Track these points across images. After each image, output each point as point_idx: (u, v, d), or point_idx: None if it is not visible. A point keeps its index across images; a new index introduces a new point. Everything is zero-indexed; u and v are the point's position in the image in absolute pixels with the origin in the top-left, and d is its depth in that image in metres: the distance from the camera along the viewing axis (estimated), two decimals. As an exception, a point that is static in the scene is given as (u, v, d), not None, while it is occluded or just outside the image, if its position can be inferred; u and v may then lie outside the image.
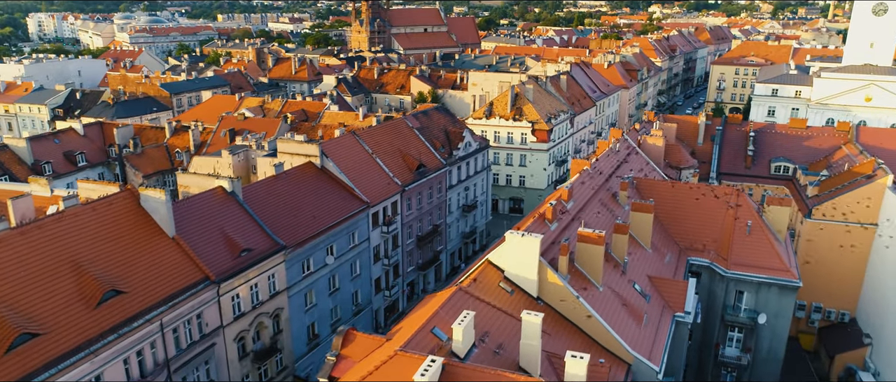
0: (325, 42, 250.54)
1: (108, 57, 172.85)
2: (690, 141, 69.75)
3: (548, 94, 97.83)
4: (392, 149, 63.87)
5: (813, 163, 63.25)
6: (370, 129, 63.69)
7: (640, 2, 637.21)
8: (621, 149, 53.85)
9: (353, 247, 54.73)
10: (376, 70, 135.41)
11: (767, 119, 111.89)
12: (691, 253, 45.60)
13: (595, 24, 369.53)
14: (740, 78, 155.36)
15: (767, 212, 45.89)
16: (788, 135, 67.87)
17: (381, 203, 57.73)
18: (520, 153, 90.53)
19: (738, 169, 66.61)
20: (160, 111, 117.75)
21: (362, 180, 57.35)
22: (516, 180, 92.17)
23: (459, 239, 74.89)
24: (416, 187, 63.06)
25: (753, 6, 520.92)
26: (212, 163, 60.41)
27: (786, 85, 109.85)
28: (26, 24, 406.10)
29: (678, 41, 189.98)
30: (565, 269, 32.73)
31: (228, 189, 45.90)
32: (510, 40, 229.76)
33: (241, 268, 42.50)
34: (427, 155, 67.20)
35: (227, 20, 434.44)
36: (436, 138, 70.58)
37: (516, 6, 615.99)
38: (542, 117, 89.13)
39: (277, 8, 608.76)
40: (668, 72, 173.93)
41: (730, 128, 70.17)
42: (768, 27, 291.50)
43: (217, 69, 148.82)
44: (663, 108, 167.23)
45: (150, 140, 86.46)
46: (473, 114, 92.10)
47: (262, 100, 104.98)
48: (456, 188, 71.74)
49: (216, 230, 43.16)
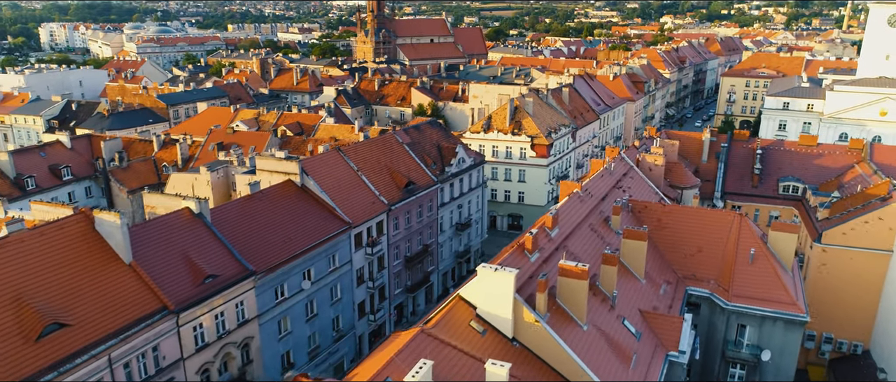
0: (332, 52, 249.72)
1: (110, 67, 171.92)
2: (694, 158, 66.45)
3: (549, 108, 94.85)
4: (379, 166, 61.12)
5: (824, 183, 59.74)
6: (356, 145, 61.00)
7: (653, 13, 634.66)
8: (617, 168, 50.72)
9: (333, 270, 51.89)
10: (377, 81, 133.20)
11: (778, 134, 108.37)
12: (690, 283, 42.34)
13: (605, 34, 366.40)
14: (751, 90, 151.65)
15: (772, 239, 42.55)
16: (798, 153, 64.41)
17: (364, 223, 54.92)
18: (519, 168, 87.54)
19: (745, 188, 63.23)
20: (156, 122, 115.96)
21: (345, 199, 54.60)
22: (515, 196, 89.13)
23: (452, 259, 71.89)
24: (404, 206, 60.22)
25: (767, 17, 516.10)
26: (190, 180, 57.89)
27: (797, 98, 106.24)
28: (39, 33, 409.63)
29: (688, 52, 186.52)
30: (544, 307, 29.65)
31: (195, 210, 43.27)
32: (518, 51, 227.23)
33: (205, 296, 39.76)
34: (417, 171, 64.38)
35: (236, 30, 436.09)
36: (427, 154, 67.77)
37: (527, 17, 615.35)
38: (542, 131, 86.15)
39: (289, 18, 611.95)
40: (676, 83, 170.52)
41: (736, 144, 66.82)
42: (781, 38, 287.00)
43: (217, 80, 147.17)
44: (672, 121, 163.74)
45: (139, 153, 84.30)
46: (471, 128, 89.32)
47: (256, 113, 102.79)
48: (448, 206, 68.82)
49: (179, 255, 40.48)
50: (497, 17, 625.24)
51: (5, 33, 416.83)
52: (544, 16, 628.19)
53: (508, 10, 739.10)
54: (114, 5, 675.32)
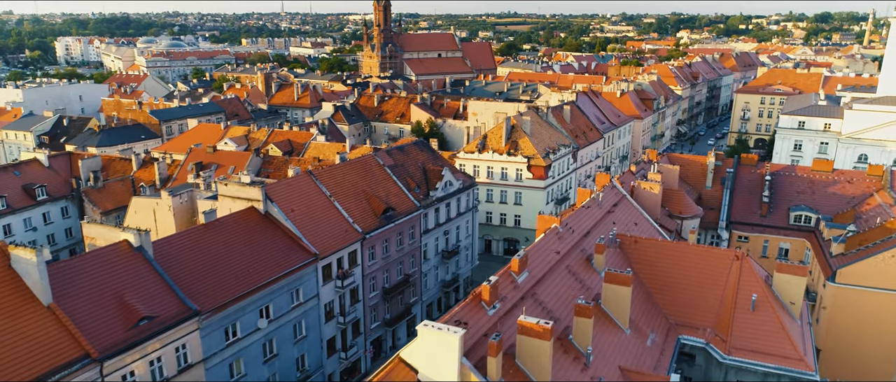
0: (340, 67, 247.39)
1: (111, 82, 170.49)
2: (698, 184, 61.56)
3: (548, 126, 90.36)
4: (356, 191, 57.00)
5: (839, 213, 54.53)
6: (331, 168, 56.97)
7: (669, 28, 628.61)
8: (607, 198, 46.09)
9: (296, 306, 47.68)
10: (376, 97, 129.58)
11: (793, 154, 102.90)
12: (684, 331, 37.55)
13: (619, 49, 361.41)
14: (766, 107, 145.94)
15: (777, 283, 37.67)
16: (811, 180, 59.25)
17: (334, 253, 50.71)
18: (515, 190, 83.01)
19: (752, 217, 58.17)
20: (148, 139, 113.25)
21: (314, 228, 50.47)
22: (511, 219, 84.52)
23: (438, 289, 67.39)
24: (380, 234, 55.96)
25: (785, 32, 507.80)
26: (152, 206, 54.20)
27: (813, 117, 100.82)
28: (55, 47, 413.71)
29: (701, 68, 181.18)
30: (496, 373, 25.14)
31: (135, 244, 39.33)
32: (528, 66, 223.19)
33: (137, 341, 35.69)
34: (398, 196, 60.16)
35: (250, 44, 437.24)
36: (411, 177, 63.56)
37: (542, 32, 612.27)
38: (540, 152, 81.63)
39: (304, 33, 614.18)
40: (689, 100, 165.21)
41: (743, 169, 61.80)
42: (799, 53, 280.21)
43: (216, 95, 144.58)
44: (684, 139, 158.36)
45: (118, 172, 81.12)
46: (465, 148, 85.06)
47: (247, 130, 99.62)
48: (433, 232, 64.44)
49: (110, 295, 36.51)
50: (512, 32, 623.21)
51: (23, 47, 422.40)
52: (560, 30, 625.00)
53: (524, 24, 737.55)
54: (132, 20, 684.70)
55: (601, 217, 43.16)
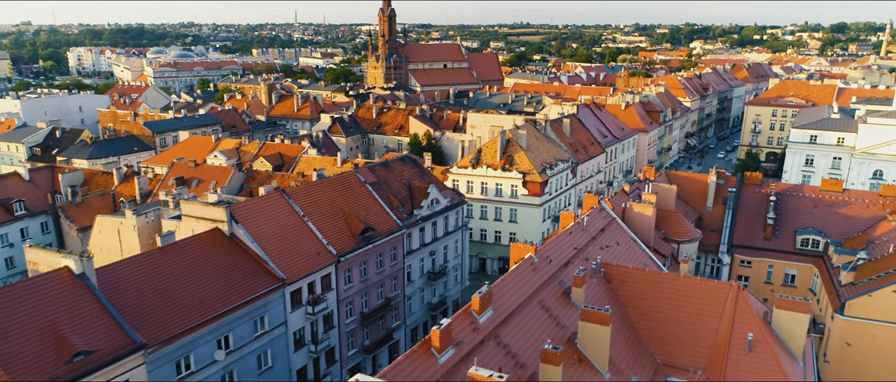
0: (346, 78, 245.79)
1: (113, 92, 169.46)
2: (698, 204, 57.85)
3: (546, 140, 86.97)
4: (333, 210, 53.92)
5: (849, 238, 50.58)
6: (307, 186, 53.97)
7: (682, 38, 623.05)
8: (594, 222, 42.59)
9: (261, 335, 44.56)
10: (375, 109, 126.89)
11: (804, 169, 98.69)
12: (672, 373, 33.96)
13: (630, 60, 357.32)
14: (778, 120, 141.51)
15: (777, 320, 33.99)
16: (819, 201, 55.34)
17: (305, 278, 47.59)
18: (510, 207, 79.61)
19: (756, 240, 54.34)
20: (141, 151, 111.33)
21: (283, 250, 47.42)
22: (506, 237, 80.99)
23: (424, 312, 64.03)
24: (358, 256, 52.78)
25: (801, 42, 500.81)
26: (116, 225, 51.49)
27: (826, 131, 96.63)
28: (68, 57, 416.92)
29: (712, 79, 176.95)
30: (440, 435, 21.79)
31: (76, 270, 36.44)
32: (535, 77, 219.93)
33: (71, 378, 32.70)
34: (379, 215, 57.01)
35: (261, 55, 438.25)
36: (395, 194, 60.41)
37: (554, 42, 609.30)
38: (536, 167, 78.25)
39: (316, 43, 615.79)
40: (698, 112, 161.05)
41: (747, 189, 57.99)
42: (814, 64, 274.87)
43: (214, 106, 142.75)
44: (693, 152, 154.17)
45: (100, 186, 78.81)
46: (459, 163, 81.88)
47: (238, 143, 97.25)
48: (418, 253, 61.16)
49: (44, 327, 33.61)
50: (524, 43, 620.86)
51: (37, 57, 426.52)
52: (572, 41, 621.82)
53: (536, 35, 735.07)
54: (147, 30, 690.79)
55: (585, 243, 39.69)
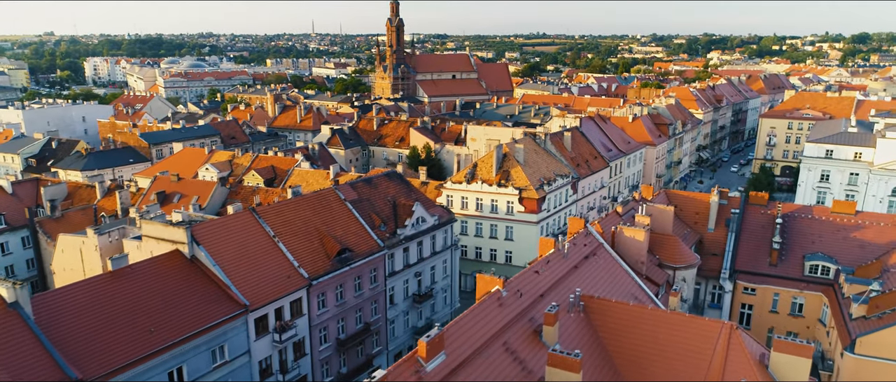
0: (355, 88, 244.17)
1: (118, 102, 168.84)
2: (699, 225, 54.04)
3: (546, 155, 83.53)
4: (308, 230, 50.95)
5: (862, 265, 46.50)
6: (280, 205, 51.08)
7: (700, 48, 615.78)
8: (577, 248, 39.08)
9: (220, 365, 41.57)
10: (376, 121, 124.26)
11: (819, 185, 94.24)
12: (655, 422, 30.31)
13: (645, 70, 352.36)
14: (793, 133, 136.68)
15: (775, 364, 30.28)
16: (830, 224, 51.28)
17: (271, 303, 44.58)
18: (505, 224, 76.18)
19: (761, 266, 50.40)
20: (137, 162, 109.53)
21: (249, 274, 44.48)
22: (502, 256, 77.54)
23: (409, 336, 60.71)
24: (333, 279, 49.71)
25: (821, 53, 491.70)
26: (78, 245, 48.97)
27: (842, 145, 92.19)
28: (84, 67, 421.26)
29: (726, 90, 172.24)
30: None
31: (8, 299, 33.75)
32: (546, 88, 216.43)
33: (-8, 420, 29.92)
34: (359, 235, 53.94)
35: (274, 65, 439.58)
36: (377, 213, 57.34)
37: (570, 52, 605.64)
38: (533, 182, 74.82)
39: (332, 54, 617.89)
40: (711, 124, 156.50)
41: (752, 210, 54.07)
42: (834, 75, 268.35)
43: (215, 117, 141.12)
44: (705, 165, 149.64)
45: (83, 200, 76.69)
46: (453, 178, 78.65)
47: (231, 155, 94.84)
48: (401, 274, 57.96)
49: (-35, 362, 30.88)
50: (539, 53, 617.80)
51: (55, 67, 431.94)
52: (588, 51, 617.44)
53: (552, 45, 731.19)
54: (165, 41, 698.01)
55: (565, 273, 36.20)
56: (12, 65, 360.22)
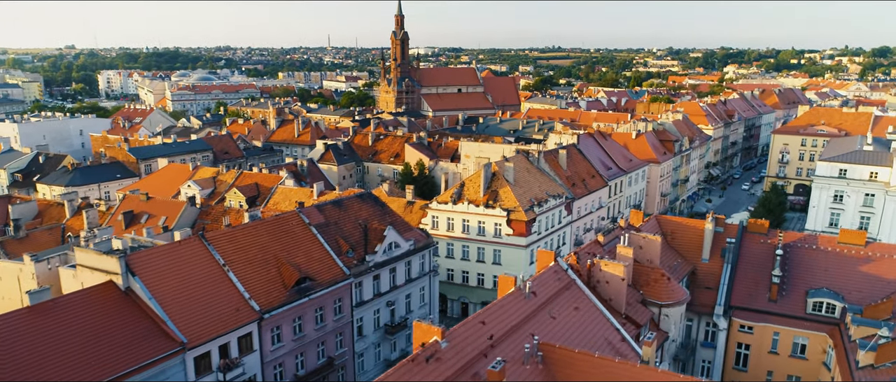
0: (361, 101, 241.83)
1: (118, 116, 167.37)
2: (692, 255, 49.43)
3: (539, 174, 79.28)
4: (264, 258, 47.15)
5: (872, 305, 41.59)
6: (234, 230, 47.34)
7: (716, 62, 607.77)
8: (546, 286, 34.78)
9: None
10: (371, 136, 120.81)
11: (833, 206, 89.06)
12: None
13: (658, 84, 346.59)
14: (807, 150, 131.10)
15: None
16: (837, 256, 46.44)
17: (214, 340, 40.74)
18: (493, 247, 71.89)
19: (759, 302, 45.65)
20: (125, 178, 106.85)
21: (191, 307, 40.72)
22: (489, 281, 73.12)
23: (381, 369, 56.42)
24: (289, 311, 45.81)
25: (840, 67, 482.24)
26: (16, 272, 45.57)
27: (857, 164, 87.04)
28: (98, 80, 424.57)
29: (738, 105, 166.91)
30: None
31: None
32: (554, 102, 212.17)
33: None
34: (322, 262, 50.05)
35: (287, 77, 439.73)
36: (346, 237, 53.45)
37: (584, 66, 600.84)
38: (523, 204, 70.58)
39: (346, 67, 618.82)
40: (722, 140, 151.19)
41: (750, 239, 49.35)
42: (853, 90, 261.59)
43: (210, 131, 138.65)
44: (715, 183, 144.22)
45: (53, 219, 73.73)
46: (439, 198, 74.59)
47: (216, 171, 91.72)
48: (371, 304, 53.91)
49: None
50: (554, 66, 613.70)
51: (70, 80, 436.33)
52: (603, 65, 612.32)
53: (567, 59, 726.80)
54: (181, 54, 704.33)
55: (527, 316, 31.94)
56: (26, 78, 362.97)
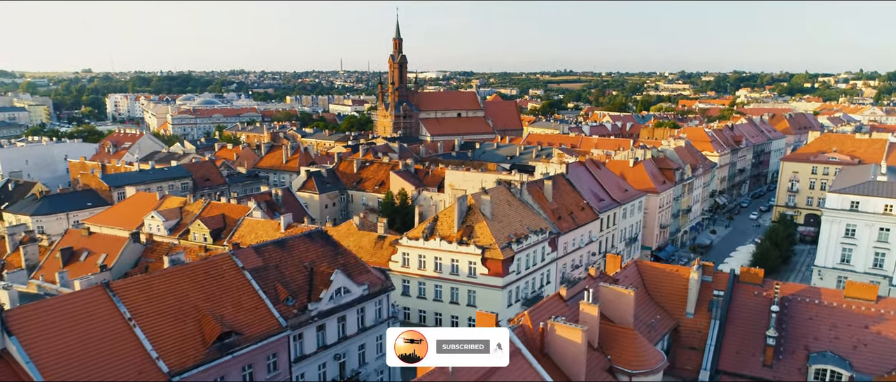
0: (362, 126, 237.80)
1: (107, 140, 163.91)
2: (675, 308, 42.96)
3: (521, 206, 73.28)
4: (183, 309, 41.38)
5: (883, 376, 34.88)
6: (147, 279, 41.62)
7: (728, 86, 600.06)
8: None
9: None
10: (356, 163, 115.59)
11: (845, 241, 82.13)
12: None
13: (667, 108, 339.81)
14: (818, 179, 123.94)
15: None
16: (844, 313, 39.76)
17: (106, 411, 34.89)
18: (467, 288, 65.73)
19: (752, 366, 39.00)
20: (96, 206, 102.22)
21: (81, 372, 34.94)
22: (464, 322, 66.77)
23: (328, 432, 50.27)
24: (207, 371, 39.88)
25: (855, 91, 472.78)
26: None
27: (870, 196, 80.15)
28: (106, 103, 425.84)
29: (746, 130, 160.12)
30: None
31: None
32: (558, 126, 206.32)
33: None
34: (254, 312, 44.21)
35: (294, 101, 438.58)
36: (286, 283, 47.63)
37: (594, 89, 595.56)
38: (499, 241, 64.54)
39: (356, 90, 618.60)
40: (729, 167, 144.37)
41: (742, 290, 42.75)
42: (867, 114, 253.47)
43: (203, 155, 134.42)
44: (722, 212, 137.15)
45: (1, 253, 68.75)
46: (410, 233, 68.70)
47: (183, 201, 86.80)
48: (315, 357, 47.88)
49: None
50: (564, 90, 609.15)
51: (79, 103, 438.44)
52: (613, 88, 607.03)
53: (577, 82, 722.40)
54: (193, 77, 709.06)
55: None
56: (33, 102, 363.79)
